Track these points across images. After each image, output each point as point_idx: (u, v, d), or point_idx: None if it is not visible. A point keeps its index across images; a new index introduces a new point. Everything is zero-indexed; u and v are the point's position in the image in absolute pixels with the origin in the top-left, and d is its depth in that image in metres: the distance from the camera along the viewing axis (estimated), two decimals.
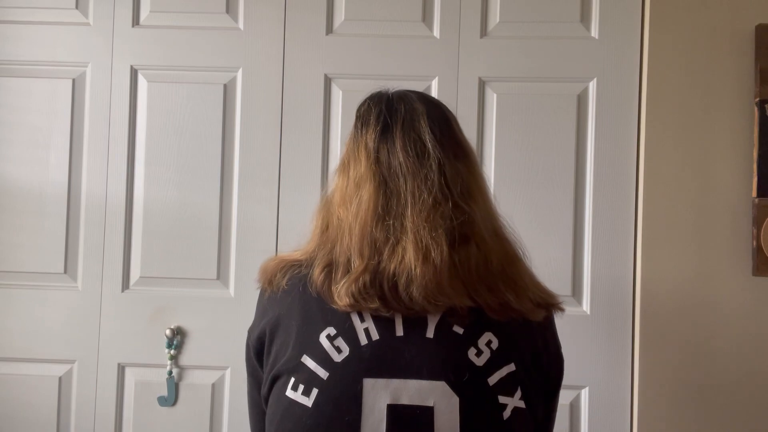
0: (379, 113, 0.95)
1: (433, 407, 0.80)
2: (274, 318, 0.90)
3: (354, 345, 0.82)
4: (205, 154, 1.78)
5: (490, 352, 0.84)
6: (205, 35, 1.79)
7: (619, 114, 1.71)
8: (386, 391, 0.80)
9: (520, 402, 0.85)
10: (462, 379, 0.82)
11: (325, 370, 0.82)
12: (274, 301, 0.91)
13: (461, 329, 0.84)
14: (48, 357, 1.78)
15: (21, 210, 1.80)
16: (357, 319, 0.84)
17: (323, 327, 0.84)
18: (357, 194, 0.90)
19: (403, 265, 0.84)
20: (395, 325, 0.83)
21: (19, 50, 1.82)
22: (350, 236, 0.88)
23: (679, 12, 1.67)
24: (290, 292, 0.90)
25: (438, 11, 1.76)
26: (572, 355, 1.72)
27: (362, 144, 0.93)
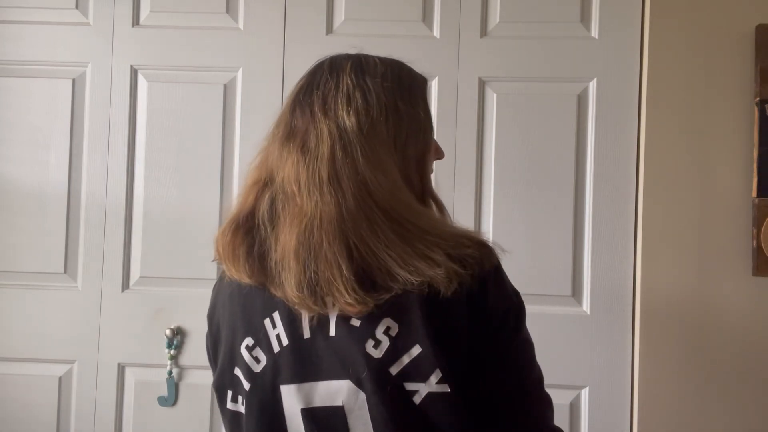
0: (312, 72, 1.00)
1: (342, 406, 0.79)
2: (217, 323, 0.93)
3: (269, 353, 0.82)
4: (205, 154, 1.78)
5: (389, 339, 0.77)
6: (205, 35, 1.79)
7: (619, 114, 1.71)
8: (299, 395, 0.80)
9: (440, 386, 0.76)
10: (362, 374, 0.77)
11: (247, 381, 0.83)
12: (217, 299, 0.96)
13: (358, 321, 0.78)
14: (48, 357, 1.78)
15: (21, 210, 1.80)
16: (270, 325, 0.82)
17: (242, 337, 0.84)
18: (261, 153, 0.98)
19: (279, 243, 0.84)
20: (302, 328, 0.80)
21: (19, 50, 1.82)
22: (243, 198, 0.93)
23: (679, 12, 1.67)
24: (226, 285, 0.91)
25: (438, 11, 1.76)
26: (572, 355, 1.73)
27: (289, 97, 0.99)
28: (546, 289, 1.70)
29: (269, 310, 0.82)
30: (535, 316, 1.70)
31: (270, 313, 0.82)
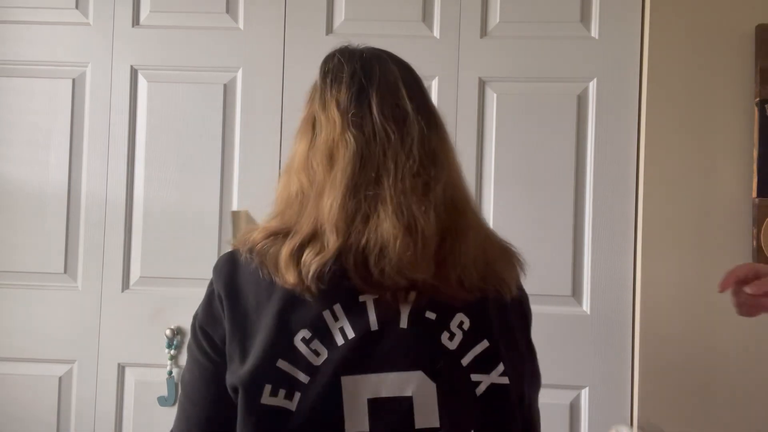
0: (354, 72, 0.88)
1: (411, 396, 0.81)
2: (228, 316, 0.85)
3: (331, 346, 0.81)
4: (205, 154, 1.78)
5: (462, 333, 0.83)
6: (205, 35, 1.79)
7: (619, 114, 1.71)
8: (365, 386, 0.80)
9: (502, 378, 0.84)
10: (437, 365, 0.81)
11: (306, 374, 0.80)
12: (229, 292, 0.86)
13: (434, 314, 0.83)
14: (48, 357, 1.78)
15: (21, 210, 1.80)
16: (330, 317, 0.81)
17: (296, 329, 0.81)
18: (330, 162, 0.84)
19: (377, 237, 0.79)
20: (369, 321, 0.81)
21: (19, 50, 1.82)
22: (318, 208, 0.82)
23: (679, 12, 1.67)
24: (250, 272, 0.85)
25: (438, 11, 1.76)
26: (572, 355, 1.73)
27: (333, 103, 0.86)
28: (546, 289, 1.70)
29: (329, 303, 0.81)
30: (535, 316, 1.69)
31: (330, 306, 0.81)
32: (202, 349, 0.87)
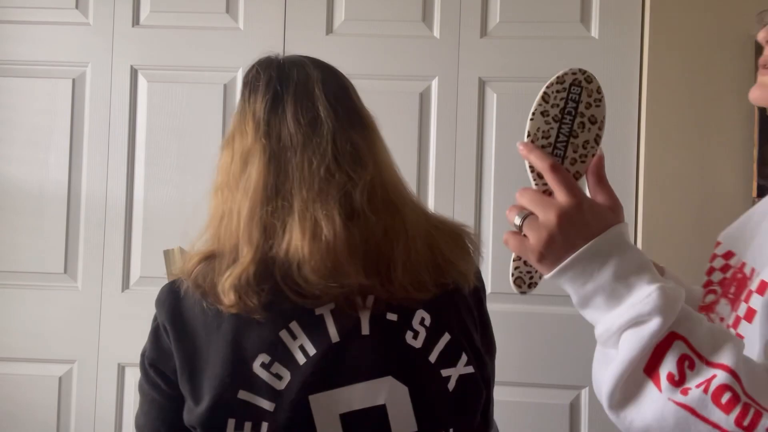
0: (269, 79, 0.87)
1: (384, 404, 0.78)
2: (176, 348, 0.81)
3: (293, 367, 0.77)
4: (205, 154, 1.78)
5: (425, 329, 0.81)
6: (205, 35, 1.79)
7: (619, 114, 1.71)
8: (335, 402, 0.77)
9: (467, 368, 0.83)
10: (405, 366, 0.80)
11: (270, 401, 0.76)
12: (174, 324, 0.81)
13: (395, 315, 0.81)
14: (48, 357, 1.78)
15: (21, 210, 1.80)
16: (288, 336, 0.77)
17: (253, 355, 0.77)
18: (244, 172, 0.82)
19: (290, 248, 0.77)
20: (329, 334, 0.78)
21: (19, 50, 1.82)
22: (237, 220, 0.80)
23: (679, 13, 1.67)
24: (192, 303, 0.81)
25: (438, 11, 1.76)
26: (572, 355, 1.73)
27: (249, 114, 0.84)
28: (545, 289, 1.69)
29: (284, 322, 0.78)
30: (535, 316, 1.70)
31: (285, 324, 0.78)
32: (156, 387, 0.83)
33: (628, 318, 0.62)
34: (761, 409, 0.58)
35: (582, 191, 0.68)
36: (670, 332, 0.61)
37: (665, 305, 0.61)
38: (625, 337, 0.62)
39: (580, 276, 0.64)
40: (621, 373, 0.62)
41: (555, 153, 0.71)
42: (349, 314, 0.79)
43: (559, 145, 0.71)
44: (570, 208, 0.65)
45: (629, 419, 0.63)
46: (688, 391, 0.59)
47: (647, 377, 0.61)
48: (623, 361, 0.62)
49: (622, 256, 0.64)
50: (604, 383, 0.64)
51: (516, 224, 0.68)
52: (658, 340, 0.60)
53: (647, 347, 0.60)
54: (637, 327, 0.61)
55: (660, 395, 0.60)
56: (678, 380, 0.59)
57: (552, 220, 0.65)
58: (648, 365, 0.61)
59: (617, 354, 0.63)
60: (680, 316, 0.62)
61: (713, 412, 0.58)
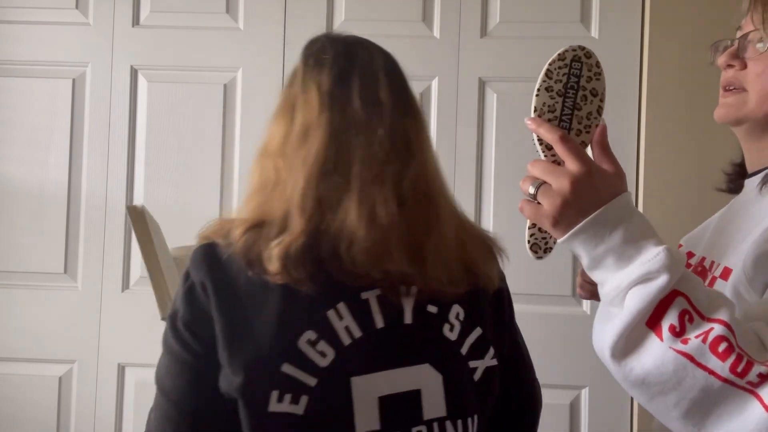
0: (337, 55, 0.86)
1: (420, 389, 0.82)
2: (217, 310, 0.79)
3: (338, 346, 0.79)
4: (205, 154, 1.78)
5: (459, 323, 0.85)
6: (205, 35, 1.79)
7: (619, 114, 1.71)
8: (375, 385, 0.80)
9: (492, 361, 0.87)
10: (441, 356, 0.83)
11: (313, 376, 0.78)
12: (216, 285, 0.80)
13: (435, 308, 0.84)
14: (48, 357, 1.78)
15: (21, 210, 1.80)
16: (335, 317, 0.79)
17: (300, 331, 0.78)
18: (304, 142, 0.82)
19: (345, 225, 0.79)
20: (374, 319, 0.81)
21: (19, 50, 1.82)
22: (291, 190, 0.80)
23: (679, 12, 1.67)
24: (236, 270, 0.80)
25: (438, 11, 1.76)
26: (572, 355, 1.73)
27: (314, 85, 0.84)
28: (546, 289, 1.70)
29: (332, 302, 0.80)
30: (535, 316, 1.70)
31: (333, 305, 0.80)
32: (187, 348, 0.81)
33: (637, 275, 0.66)
34: (751, 359, 0.63)
35: (591, 160, 0.72)
36: (673, 290, 0.66)
37: (672, 264, 0.66)
38: (632, 294, 0.67)
39: (592, 239, 0.70)
40: (625, 326, 0.66)
41: (561, 125, 0.75)
42: (394, 302, 0.82)
43: (565, 118, 0.76)
44: (581, 175, 0.70)
45: (629, 367, 0.67)
46: (687, 341, 0.64)
47: (649, 329, 0.66)
48: (629, 314, 0.66)
49: (631, 220, 0.69)
50: (607, 335, 0.68)
51: (530, 193, 0.73)
52: (663, 296, 0.65)
53: (652, 302, 0.65)
54: (645, 284, 0.66)
55: (661, 344, 0.65)
56: (679, 331, 0.65)
57: (566, 187, 0.70)
58: (650, 319, 0.66)
59: (622, 309, 0.67)
60: (682, 276, 0.67)
61: (710, 359, 0.63)
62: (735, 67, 0.88)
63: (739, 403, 0.63)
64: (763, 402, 0.62)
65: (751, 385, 0.63)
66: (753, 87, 0.86)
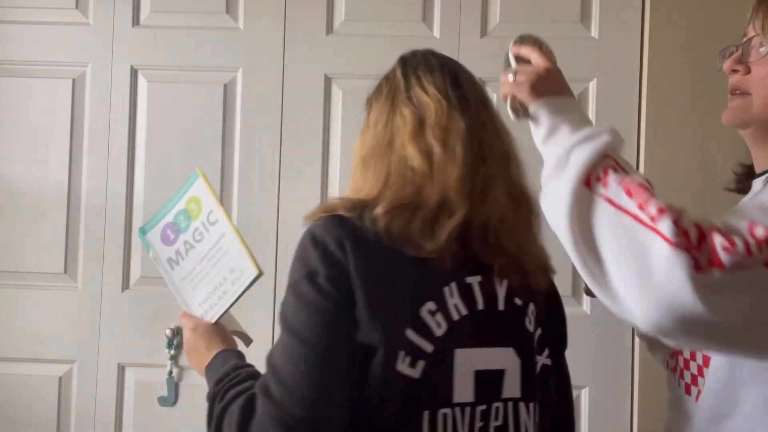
0: (443, 63, 0.98)
1: (504, 369, 0.91)
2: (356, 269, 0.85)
3: (449, 320, 0.87)
4: (205, 154, 1.78)
5: (534, 319, 0.96)
6: (205, 35, 1.79)
7: (619, 114, 1.71)
8: (474, 359, 0.89)
9: (547, 360, 0.98)
10: (522, 344, 0.93)
11: (430, 343, 0.86)
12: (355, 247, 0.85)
13: (520, 301, 0.94)
14: (48, 357, 1.78)
15: (21, 210, 1.80)
16: (448, 294, 0.88)
17: (423, 300, 0.87)
18: (444, 136, 0.90)
19: (496, 210, 0.90)
20: (476, 300, 0.90)
21: (19, 50, 1.82)
22: (442, 181, 0.89)
23: (679, 12, 1.67)
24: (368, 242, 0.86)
25: (438, 11, 1.76)
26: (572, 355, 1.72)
27: (432, 86, 0.94)
28: None
29: (447, 280, 0.89)
30: None
31: (448, 283, 0.89)
32: (329, 297, 0.85)
33: (584, 135, 0.78)
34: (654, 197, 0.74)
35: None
36: (605, 154, 0.77)
37: (615, 132, 0.79)
38: (576, 153, 0.77)
39: (556, 109, 0.83)
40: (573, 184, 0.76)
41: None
42: (491, 289, 0.92)
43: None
44: (553, 66, 0.89)
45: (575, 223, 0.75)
46: (608, 186, 0.75)
47: (585, 187, 0.76)
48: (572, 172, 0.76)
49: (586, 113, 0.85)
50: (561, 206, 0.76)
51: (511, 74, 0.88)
52: (599, 155, 0.77)
53: (590, 160, 0.76)
54: (588, 142, 0.77)
55: (591, 194, 0.75)
56: (602, 180, 0.75)
57: (542, 66, 0.88)
58: (586, 177, 0.76)
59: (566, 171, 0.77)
60: (617, 153, 0.79)
61: (623, 198, 0.73)
62: (739, 72, 0.92)
63: (646, 242, 0.70)
64: (663, 236, 0.69)
65: (652, 220, 0.71)
66: (756, 90, 0.90)
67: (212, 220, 1.10)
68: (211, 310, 1.08)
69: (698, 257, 0.68)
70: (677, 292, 0.67)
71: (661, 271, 0.68)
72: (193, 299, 1.12)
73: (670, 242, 0.68)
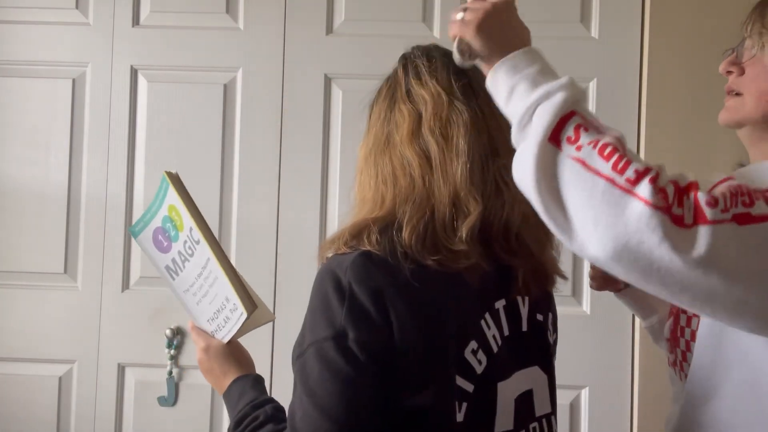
0: (445, 54, 0.90)
1: (532, 389, 0.88)
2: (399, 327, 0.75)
3: (490, 354, 0.82)
4: (205, 154, 1.78)
5: (553, 327, 0.95)
6: (205, 35, 1.79)
7: (619, 114, 1.71)
8: (512, 387, 0.85)
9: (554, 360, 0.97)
10: (546, 359, 0.92)
11: (471, 383, 0.79)
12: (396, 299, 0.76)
13: (541, 316, 0.91)
14: (48, 357, 1.78)
15: (21, 210, 1.80)
16: (485, 326, 0.82)
17: (467, 341, 0.79)
18: (443, 131, 0.83)
19: (517, 207, 0.83)
20: (503, 327, 0.85)
21: (19, 50, 1.82)
22: (447, 178, 0.81)
23: (679, 12, 1.67)
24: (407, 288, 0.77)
25: (438, 11, 1.76)
26: (572, 355, 1.73)
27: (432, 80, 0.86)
28: None
29: (482, 310, 0.83)
30: None
31: (483, 314, 0.83)
32: (358, 365, 0.75)
33: (543, 92, 0.74)
34: (631, 159, 0.70)
35: None
36: (571, 110, 0.74)
37: (571, 86, 0.75)
38: (538, 112, 0.74)
39: (512, 69, 0.78)
40: (537, 147, 0.72)
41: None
42: (516, 311, 0.88)
43: None
44: (502, 3, 0.84)
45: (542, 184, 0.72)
46: (580, 148, 0.71)
47: (551, 144, 0.72)
48: (536, 131, 0.72)
49: (545, 63, 0.80)
50: (527, 165, 0.73)
51: (461, 11, 0.83)
52: (563, 113, 0.73)
53: (555, 116, 0.72)
54: (547, 99, 0.74)
55: (560, 153, 0.72)
56: (573, 140, 0.72)
57: (488, 4, 0.82)
58: (552, 134, 0.72)
59: (530, 130, 0.74)
60: (581, 106, 0.75)
61: (597, 160, 0.70)
62: (734, 74, 0.94)
63: (620, 205, 0.67)
64: (640, 197, 0.67)
65: (629, 182, 0.68)
66: (748, 90, 0.92)
67: (195, 238, 0.97)
68: (220, 331, 0.98)
69: (679, 214, 0.67)
70: (646, 244, 0.66)
71: (632, 222, 0.67)
72: (199, 313, 1.01)
73: (648, 203, 0.66)
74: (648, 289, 0.70)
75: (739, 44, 0.94)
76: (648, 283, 0.69)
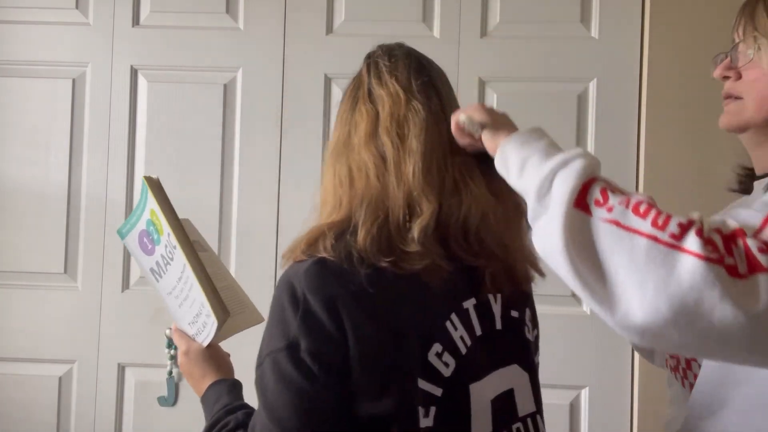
0: (408, 53, 0.90)
1: (513, 389, 0.85)
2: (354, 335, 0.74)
3: (457, 356, 0.79)
4: (205, 154, 1.78)
5: (531, 324, 0.92)
6: (205, 35, 1.79)
7: (619, 114, 1.71)
8: (487, 388, 0.82)
9: (537, 358, 0.94)
10: (526, 356, 0.89)
11: (438, 386, 0.77)
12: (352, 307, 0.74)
13: (516, 312, 0.88)
14: (48, 357, 1.78)
15: (21, 210, 1.80)
16: (451, 327, 0.79)
17: (430, 344, 0.77)
18: (398, 130, 0.81)
19: (475, 206, 0.81)
20: (474, 326, 0.82)
21: (19, 50, 1.82)
22: (401, 179, 0.79)
23: (679, 13, 1.67)
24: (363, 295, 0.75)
25: (438, 11, 1.76)
26: (572, 355, 1.73)
27: (392, 79, 0.86)
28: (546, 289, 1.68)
29: (448, 311, 0.80)
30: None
31: (449, 315, 0.80)
32: (309, 376, 0.73)
33: (558, 161, 0.73)
34: (670, 214, 0.66)
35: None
36: (592, 177, 0.71)
37: (587, 154, 0.74)
38: (558, 180, 0.71)
39: (521, 144, 0.79)
40: (562, 215, 0.68)
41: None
42: (488, 309, 0.84)
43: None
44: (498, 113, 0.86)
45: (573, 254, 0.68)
46: (612, 209, 0.67)
47: (579, 210, 0.69)
48: (559, 198, 0.69)
49: (551, 139, 0.80)
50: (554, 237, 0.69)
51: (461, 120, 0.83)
52: (585, 179, 0.70)
53: (577, 180, 0.70)
54: (566, 167, 0.72)
55: (591, 219, 0.68)
56: (602, 202, 0.68)
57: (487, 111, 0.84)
58: (578, 200, 0.69)
59: (551, 198, 0.71)
60: (599, 172, 0.74)
61: (633, 219, 0.66)
62: (731, 78, 0.94)
63: (668, 262, 0.62)
64: (688, 251, 0.62)
65: (674, 238, 0.63)
66: (748, 94, 0.91)
67: (173, 243, 0.98)
68: (200, 334, 1.00)
69: (732, 264, 0.62)
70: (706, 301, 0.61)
71: (686, 279, 0.61)
72: (181, 316, 1.03)
73: (700, 256, 0.61)
74: (700, 352, 0.66)
75: (732, 48, 0.94)
76: (703, 344, 0.63)
